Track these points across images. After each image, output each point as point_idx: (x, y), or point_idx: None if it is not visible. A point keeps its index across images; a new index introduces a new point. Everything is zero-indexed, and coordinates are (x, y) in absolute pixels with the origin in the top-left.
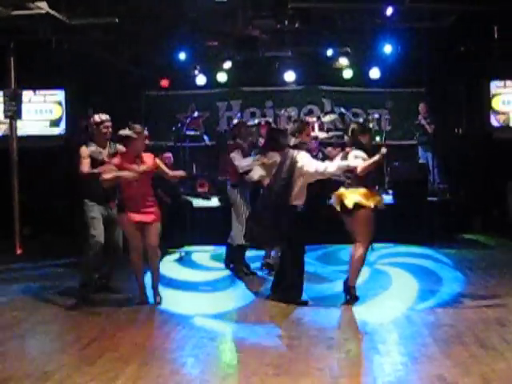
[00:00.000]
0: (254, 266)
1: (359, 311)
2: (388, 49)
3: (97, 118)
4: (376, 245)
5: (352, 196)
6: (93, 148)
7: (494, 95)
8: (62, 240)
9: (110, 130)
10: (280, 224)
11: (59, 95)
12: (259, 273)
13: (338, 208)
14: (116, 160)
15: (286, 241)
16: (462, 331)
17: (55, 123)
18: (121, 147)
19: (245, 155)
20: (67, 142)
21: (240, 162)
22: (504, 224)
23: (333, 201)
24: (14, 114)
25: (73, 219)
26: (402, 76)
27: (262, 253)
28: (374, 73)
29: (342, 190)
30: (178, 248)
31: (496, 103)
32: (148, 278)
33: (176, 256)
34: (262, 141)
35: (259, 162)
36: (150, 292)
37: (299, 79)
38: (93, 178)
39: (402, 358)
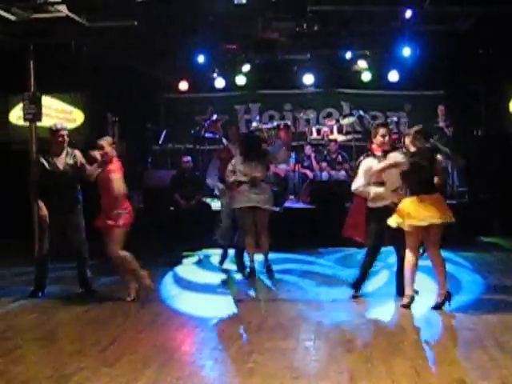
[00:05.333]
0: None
1: (379, 314)
2: (407, 51)
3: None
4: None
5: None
6: None
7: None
8: None
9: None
10: None
11: (78, 98)
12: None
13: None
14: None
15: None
16: (482, 334)
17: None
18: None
19: None
20: (86, 145)
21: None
22: None
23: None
24: (33, 116)
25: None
26: (420, 79)
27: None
28: (393, 75)
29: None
30: (197, 251)
31: None
32: None
33: (195, 259)
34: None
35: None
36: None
37: (318, 82)
38: None
39: (422, 361)
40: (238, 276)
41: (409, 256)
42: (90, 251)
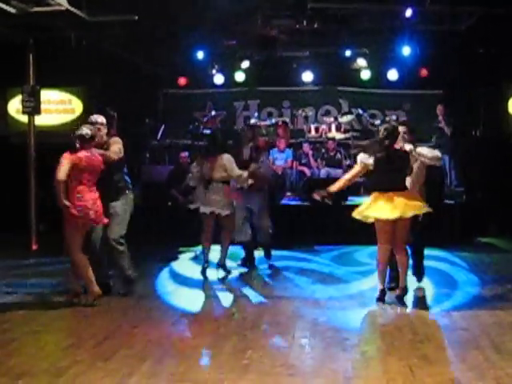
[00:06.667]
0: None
1: (374, 313)
2: (406, 50)
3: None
4: None
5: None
6: None
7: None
8: None
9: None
10: None
11: (78, 92)
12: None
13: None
14: None
15: None
16: (477, 335)
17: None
18: None
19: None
20: None
21: None
22: None
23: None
24: (32, 110)
25: None
26: (420, 78)
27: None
28: (392, 74)
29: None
30: (194, 246)
31: None
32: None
33: (191, 254)
34: (281, 140)
35: None
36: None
37: (317, 79)
38: None
39: (417, 360)
40: (235, 272)
41: (380, 251)
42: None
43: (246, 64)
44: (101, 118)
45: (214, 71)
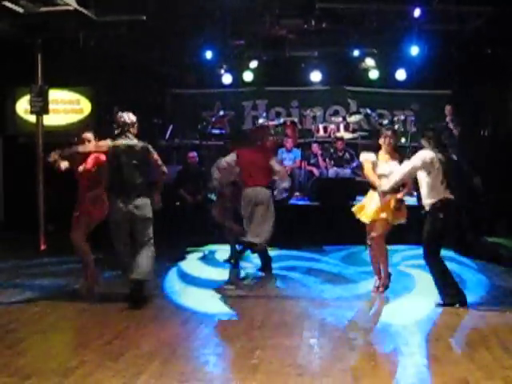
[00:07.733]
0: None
1: (383, 312)
2: (415, 50)
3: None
4: (401, 246)
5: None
6: None
7: None
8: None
9: None
10: None
11: (86, 92)
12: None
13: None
14: None
15: None
16: (486, 335)
17: (82, 120)
18: None
19: None
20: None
21: None
22: None
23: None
24: (40, 109)
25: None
26: (428, 78)
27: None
28: (401, 74)
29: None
30: (202, 246)
31: None
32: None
33: (199, 254)
34: (288, 140)
35: None
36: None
37: (325, 79)
38: None
39: (425, 360)
40: (242, 272)
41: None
42: (95, 245)
43: (254, 64)
44: (124, 118)
45: (222, 71)
